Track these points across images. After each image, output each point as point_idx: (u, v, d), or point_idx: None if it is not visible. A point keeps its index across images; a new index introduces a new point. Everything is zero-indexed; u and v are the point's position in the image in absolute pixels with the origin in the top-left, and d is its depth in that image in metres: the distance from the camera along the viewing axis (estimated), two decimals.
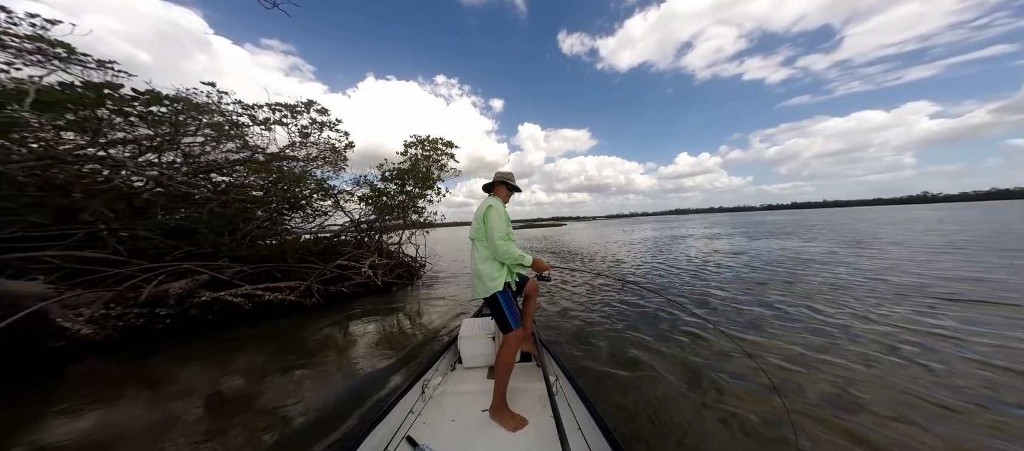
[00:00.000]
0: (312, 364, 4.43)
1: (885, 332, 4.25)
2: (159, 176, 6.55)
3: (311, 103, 9.10)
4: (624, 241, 22.68)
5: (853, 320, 4.68)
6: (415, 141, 10.87)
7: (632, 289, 6.78)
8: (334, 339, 5.50)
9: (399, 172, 10.26)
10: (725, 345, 3.93)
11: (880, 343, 3.93)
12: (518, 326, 2.30)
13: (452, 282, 10.02)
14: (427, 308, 7.25)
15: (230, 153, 7.86)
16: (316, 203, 9.43)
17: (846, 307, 5.26)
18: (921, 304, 5.23)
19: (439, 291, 8.83)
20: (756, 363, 3.11)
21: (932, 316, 4.68)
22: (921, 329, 4.28)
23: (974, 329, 4.15)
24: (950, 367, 3.30)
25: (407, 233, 11.31)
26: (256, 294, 6.66)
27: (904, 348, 3.77)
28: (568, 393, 2.35)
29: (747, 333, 4.49)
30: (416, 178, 10.28)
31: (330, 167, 9.67)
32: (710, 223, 47.95)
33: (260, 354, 4.96)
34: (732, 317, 5.21)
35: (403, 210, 10.31)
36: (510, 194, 2.62)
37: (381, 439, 1.95)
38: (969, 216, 29.94)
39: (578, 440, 1.92)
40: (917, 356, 3.57)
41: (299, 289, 7.30)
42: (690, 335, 4.39)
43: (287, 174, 8.31)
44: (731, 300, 6.17)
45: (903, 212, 54.87)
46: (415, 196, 10.30)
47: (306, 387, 3.79)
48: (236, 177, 8.11)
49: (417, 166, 10.39)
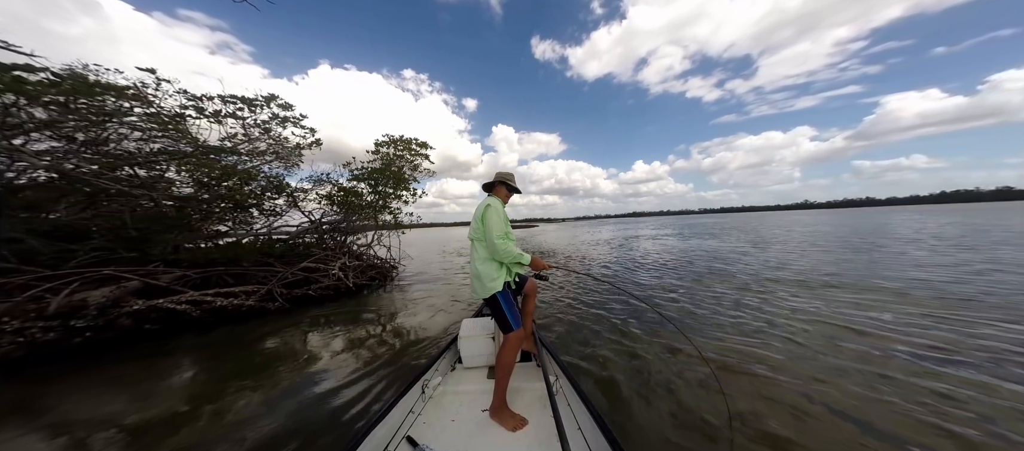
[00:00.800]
0: (262, 377, 3.84)
1: (763, 299, 6.05)
2: (53, 165, 5.38)
3: (273, 97, 8.23)
4: (591, 241, 23.99)
5: (750, 301, 6.04)
6: (388, 140, 10.40)
7: (602, 286, 7.46)
8: (292, 347, 4.85)
9: (371, 172, 9.67)
10: (664, 327, 4.81)
11: (761, 311, 5.35)
12: (518, 326, 2.26)
13: (425, 283, 9.55)
14: (401, 310, 6.78)
15: (164, 144, 6.74)
16: (268, 202, 8.36)
17: (746, 291, 6.69)
18: (793, 286, 6.91)
19: (413, 293, 8.37)
20: (677, 328, 3.73)
21: (795, 297, 6.09)
22: (785, 304, 5.74)
23: (821, 303, 5.63)
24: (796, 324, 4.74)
25: (378, 234, 10.63)
26: (205, 300, 5.67)
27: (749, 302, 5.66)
28: (568, 393, 2.34)
29: (668, 305, 6.10)
30: (389, 178, 9.66)
31: (281, 163, 8.69)
32: (659, 225, 53.50)
33: (199, 366, 4.29)
34: (662, 296, 6.78)
35: (374, 210, 9.88)
36: (510, 195, 2.59)
37: (381, 439, 1.91)
38: (832, 219, 38.83)
39: (578, 440, 1.91)
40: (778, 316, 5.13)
41: (259, 293, 6.35)
42: (646, 321, 5.22)
43: (231, 169, 7.27)
44: (662, 286, 7.71)
45: (791, 216, 70.95)
46: (388, 196, 9.83)
47: (248, 404, 3.25)
48: (167, 171, 6.95)
49: (390, 166, 9.95)
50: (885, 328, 4.33)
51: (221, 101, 7.57)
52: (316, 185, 9.35)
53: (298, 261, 7.67)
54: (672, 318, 5.03)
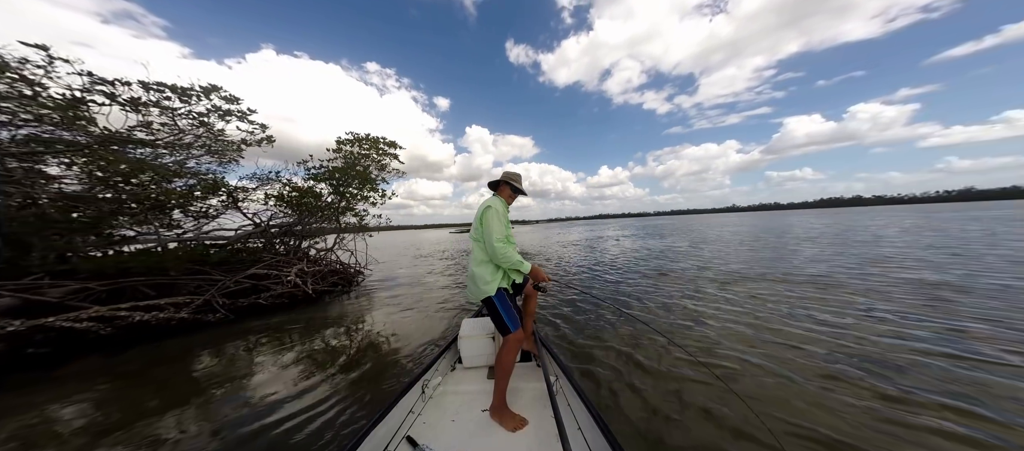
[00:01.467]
0: (191, 403, 3.17)
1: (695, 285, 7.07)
2: None
3: (214, 88, 7.06)
4: (564, 242, 24.24)
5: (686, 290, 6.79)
6: (352, 138, 9.62)
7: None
8: (235, 363, 4.08)
9: (332, 171, 8.79)
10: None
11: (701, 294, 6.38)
12: (516, 328, 2.19)
13: (396, 288, 8.87)
14: (367, 318, 6.10)
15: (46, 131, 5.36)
16: (198, 203, 7.09)
17: (686, 285, 7.34)
18: (722, 275, 7.97)
19: (381, 299, 7.65)
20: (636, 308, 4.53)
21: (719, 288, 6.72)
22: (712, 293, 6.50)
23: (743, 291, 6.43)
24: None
25: (338, 237, 9.65)
26: (118, 316, 4.55)
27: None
28: (568, 393, 2.33)
29: (628, 295, 6.70)
30: (354, 178, 8.89)
31: (216, 159, 7.49)
32: (621, 226, 56.87)
33: (99, 395, 3.41)
34: (624, 288, 7.47)
35: (336, 212, 9.02)
36: (514, 196, 2.52)
37: (381, 439, 1.90)
38: (752, 221, 45.72)
39: (578, 440, 1.89)
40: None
41: (193, 304, 5.26)
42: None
43: (143, 164, 5.99)
44: (623, 277, 8.64)
45: (721, 218, 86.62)
46: (353, 198, 9.13)
47: (170, 441, 2.59)
48: (48, 164, 5.55)
49: (353, 165, 9.31)
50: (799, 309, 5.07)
51: (142, 88, 6.34)
52: (262, 184, 8.21)
53: (243, 268, 6.56)
54: (650, 321, 4.98)
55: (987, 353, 3.37)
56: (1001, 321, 4.14)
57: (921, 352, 3.44)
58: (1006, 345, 3.52)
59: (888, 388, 2.82)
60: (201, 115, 7.02)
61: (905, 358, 3.34)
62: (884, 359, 3.34)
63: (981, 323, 4.11)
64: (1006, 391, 2.74)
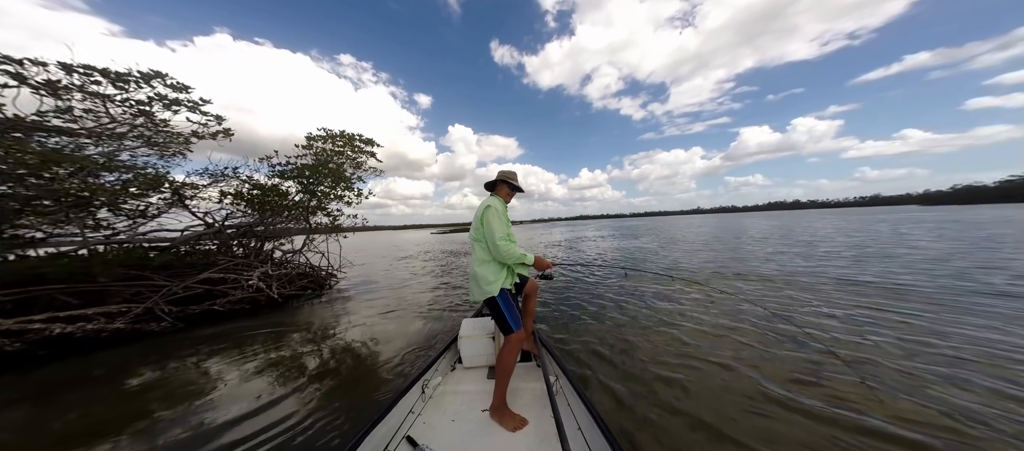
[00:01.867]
0: (126, 428, 2.62)
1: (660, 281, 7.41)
2: None
3: (157, 74, 6.17)
4: (547, 242, 24.74)
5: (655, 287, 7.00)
6: (325, 134, 8.96)
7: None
8: (182, 379, 3.52)
9: (301, 168, 8.07)
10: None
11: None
12: (518, 328, 2.20)
13: (372, 292, 8.25)
14: (339, 324, 5.51)
15: None
16: (134, 200, 6.15)
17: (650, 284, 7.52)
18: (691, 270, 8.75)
19: (356, 303, 7.05)
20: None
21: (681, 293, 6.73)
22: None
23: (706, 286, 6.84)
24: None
25: (308, 238, 8.86)
26: (29, 329, 3.77)
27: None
28: (568, 393, 2.34)
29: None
30: (326, 176, 8.22)
31: (157, 151, 6.58)
32: (599, 227, 58.94)
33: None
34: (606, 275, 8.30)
35: (305, 211, 8.29)
36: (512, 194, 2.51)
37: (381, 439, 1.87)
38: (714, 222, 49.96)
39: (578, 440, 1.90)
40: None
41: (129, 314, 4.50)
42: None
43: (58, 155, 5.07)
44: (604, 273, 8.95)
45: (688, 220, 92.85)
46: (325, 197, 8.44)
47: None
48: None
49: (326, 163, 8.62)
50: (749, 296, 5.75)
51: (63, 70, 5.39)
52: (215, 181, 7.33)
53: (195, 273, 5.75)
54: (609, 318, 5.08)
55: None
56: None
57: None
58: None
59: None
60: (140, 103, 6.14)
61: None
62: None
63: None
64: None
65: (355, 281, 9.73)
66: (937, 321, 4.02)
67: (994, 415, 2.31)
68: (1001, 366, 2.92)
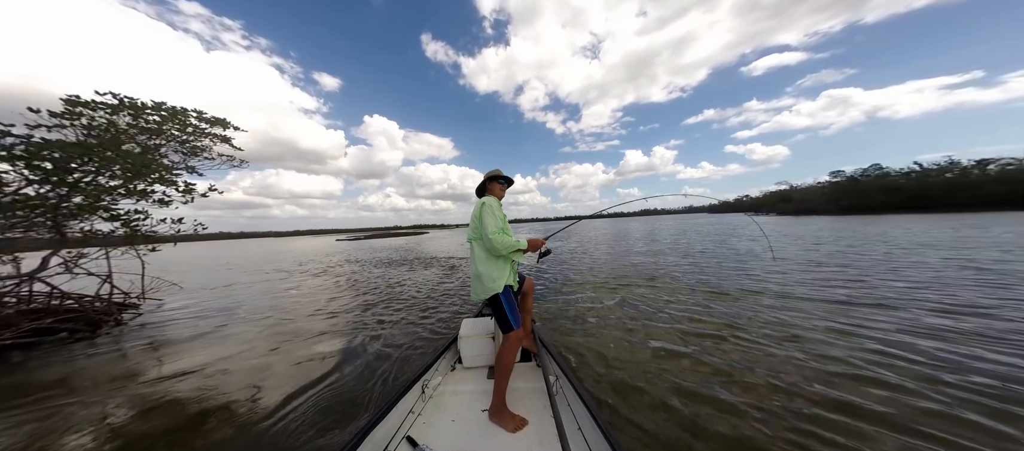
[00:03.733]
0: None
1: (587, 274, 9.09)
2: None
3: None
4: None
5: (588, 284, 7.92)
6: (116, 104, 6.09)
7: None
8: None
9: (48, 145, 5.08)
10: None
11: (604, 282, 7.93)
12: (519, 325, 2.25)
13: (199, 325, 5.90)
14: (108, 385, 3.60)
15: None
16: None
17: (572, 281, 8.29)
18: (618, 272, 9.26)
19: (162, 344, 4.96)
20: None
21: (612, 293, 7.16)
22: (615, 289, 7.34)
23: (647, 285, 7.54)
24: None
25: (69, 252, 5.92)
26: None
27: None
28: (568, 393, 2.34)
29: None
30: (114, 162, 5.59)
31: None
32: (529, 229, 64.73)
33: None
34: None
35: (54, 213, 5.39)
36: (504, 188, 2.62)
37: (381, 439, 1.90)
38: (610, 226, 57.03)
39: (578, 440, 1.91)
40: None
41: None
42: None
43: None
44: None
45: (595, 223, 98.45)
46: (110, 192, 5.77)
47: None
48: None
49: (113, 143, 5.96)
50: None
51: None
52: None
53: None
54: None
55: None
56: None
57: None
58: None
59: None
60: None
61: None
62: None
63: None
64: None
65: (177, 307, 7.18)
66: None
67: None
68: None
